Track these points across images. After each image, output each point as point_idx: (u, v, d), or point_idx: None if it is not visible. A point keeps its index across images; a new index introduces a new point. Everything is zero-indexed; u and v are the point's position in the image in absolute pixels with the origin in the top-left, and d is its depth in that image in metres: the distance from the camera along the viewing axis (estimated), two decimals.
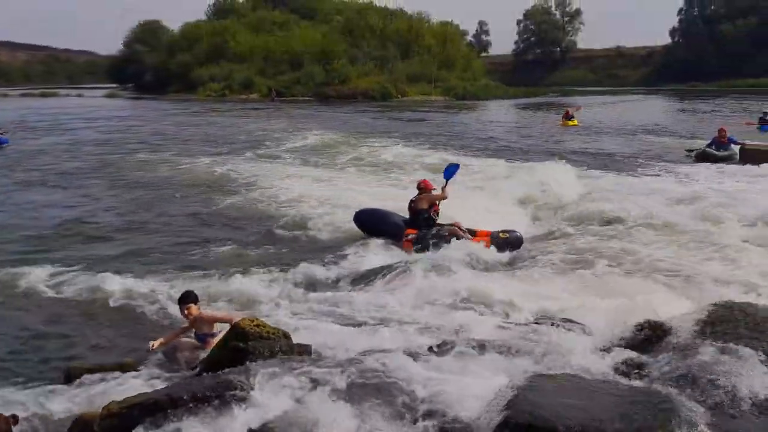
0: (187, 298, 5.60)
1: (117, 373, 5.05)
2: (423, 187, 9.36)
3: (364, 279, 7.50)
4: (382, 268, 7.74)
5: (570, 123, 29.25)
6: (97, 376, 4.97)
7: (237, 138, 24.58)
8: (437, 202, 9.31)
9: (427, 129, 29.25)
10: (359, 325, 6.07)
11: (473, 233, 9.01)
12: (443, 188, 9.40)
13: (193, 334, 5.65)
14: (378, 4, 72.77)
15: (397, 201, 10.45)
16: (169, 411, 3.90)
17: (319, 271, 7.95)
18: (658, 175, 14.88)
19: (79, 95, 66.84)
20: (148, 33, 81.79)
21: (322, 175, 15.81)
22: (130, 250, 9.37)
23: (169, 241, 9.95)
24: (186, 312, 5.57)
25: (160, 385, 4.77)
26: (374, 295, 6.86)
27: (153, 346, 5.39)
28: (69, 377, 4.99)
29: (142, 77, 74.86)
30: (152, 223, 11.17)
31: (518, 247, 8.85)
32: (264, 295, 7.06)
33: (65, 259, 8.66)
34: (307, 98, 56.09)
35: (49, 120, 33.86)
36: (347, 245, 9.35)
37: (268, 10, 74.26)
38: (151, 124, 32.07)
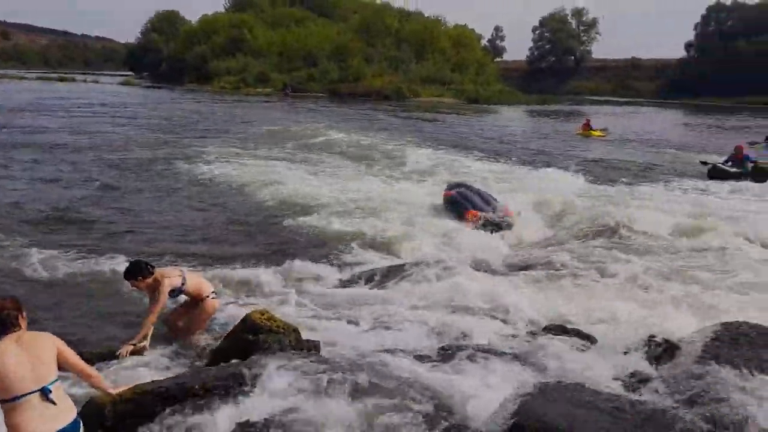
0: (132, 273, 5.48)
1: (128, 360, 5.10)
2: None
3: (373, 278, 7.52)
4: (392, 267, 7.77)
5: (594, 133, 28.49)
6: (109, 362, 5.02)
7: (246, 130, 24.77)
8: None
9: (446, 130, 29.28)
10: (368, 323, 6.09)
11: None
12: None
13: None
14: (395, 5, 73.03)
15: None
16: (180, 399, 3.98)
17: (329, 269, 7.99)
18: (673, 190, 14.79)
19: (95, 81, 67.17)
20: (165, 23, 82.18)
21: (330, 171, 15.94)
22: (137, 239, 9.39)
23: (178, 231, 9.98)
24: (137, 286, 5.52)
25: (170, 372, 4.83)
26: (384, 294, 6.88)
27: (124, 353, 5.17)
28: None
29: (158, 66, 75.21)
30: (157, 212, 11.18)
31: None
32: (274, 289, 7.11)
33: (67, 246, 8.61)
34: (320, 94, 56.26)
35: (62, 104, 34.12)
36: (357, 243, 9.41)
37: (286, 6, 74.50)
38: (163, 112, 32.42)
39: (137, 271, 5.49)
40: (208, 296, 5.77)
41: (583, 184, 13.79)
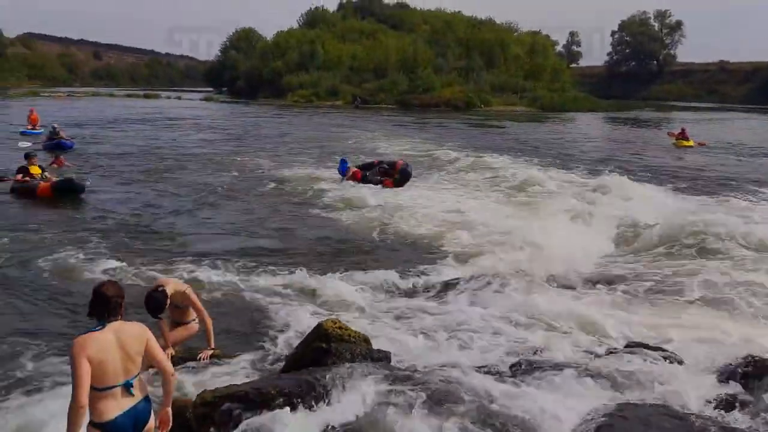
0: (160, 307, 5.18)
1: (207, 364, 5.27)
2: None
3: (446, 290, 7.44)
4: (465, 280, 7.66)
5: (684, 143, 26.26)
6: (189, 365, 5.21)
7: (323, 142, 25.28)
8: None
9: (525, 140, 28.75)
10: (439, 335, 6.02)
11: None
12: None
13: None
14: (466, 14, 72.75)
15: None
16: (257, 403, 4.08)
17: (402, 280, 7.94)
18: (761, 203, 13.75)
19: (178, 97, 70.57)
20: (243, 40, 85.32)
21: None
22: (213, 246, 9.64)
23: (245, 238, 10.17)
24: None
25: (247, 377, 4.95)
26: (456, 307, 6.77)
27: (205, 356, 5.34)
28: None
29: (236, 82, 78.14)
30: (228, 219, 11.53)
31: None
32: (348, 298, 7.13)
33: (156, 252, 9.04)
34: (390, 106, 56.70)
35: (146, 118, 36.03)
36: (430, 255, 9.36)
37: (356, 20, 75.77)
38: (240, 123, 33.69)
39: (161, 303, 5.19)
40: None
41: (670, 196, 13.11)
